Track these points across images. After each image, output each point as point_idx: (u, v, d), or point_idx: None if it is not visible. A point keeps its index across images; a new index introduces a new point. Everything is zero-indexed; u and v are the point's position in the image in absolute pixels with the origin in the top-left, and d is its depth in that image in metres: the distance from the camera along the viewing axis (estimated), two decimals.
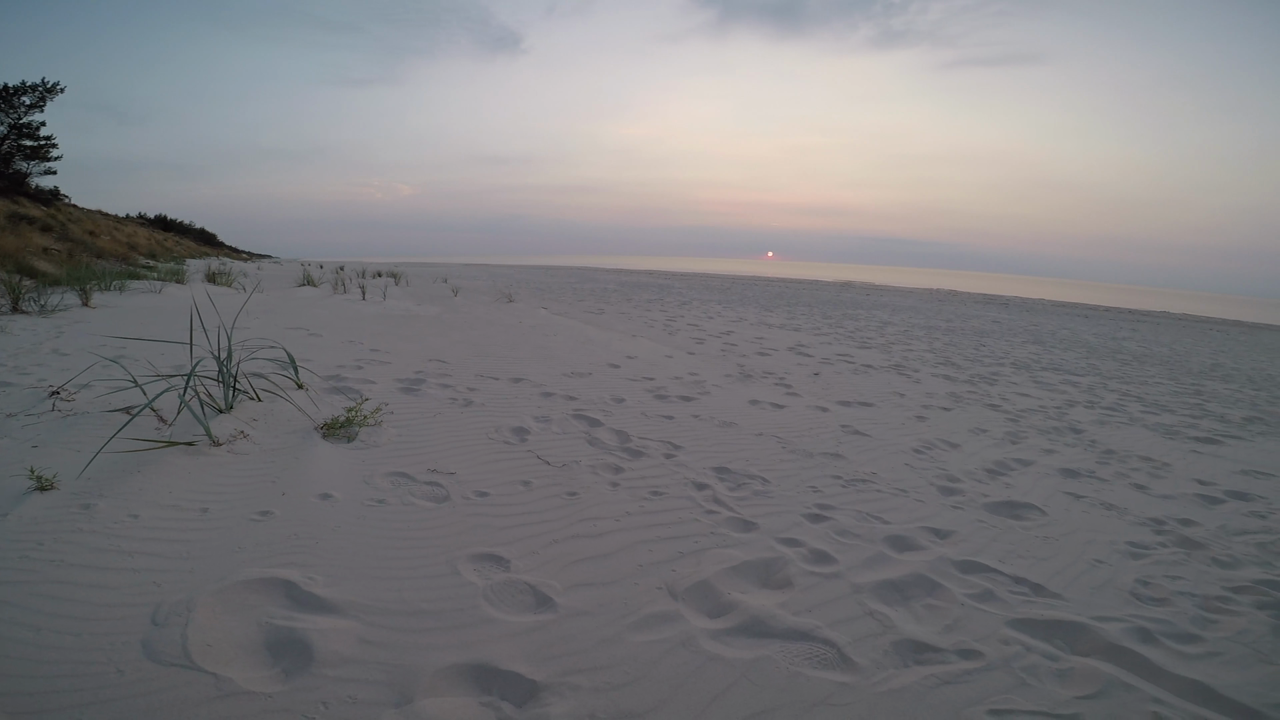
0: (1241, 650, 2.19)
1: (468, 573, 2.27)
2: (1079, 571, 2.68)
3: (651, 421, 4.28)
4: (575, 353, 6.56)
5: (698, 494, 3.14)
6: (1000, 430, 4.94)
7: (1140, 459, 4.47)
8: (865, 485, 3.44)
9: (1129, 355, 10.94)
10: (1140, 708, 1.84)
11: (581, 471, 3.30)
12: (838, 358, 7.84)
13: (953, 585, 2.46)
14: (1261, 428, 5.97)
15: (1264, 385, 8.94)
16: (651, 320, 10.03)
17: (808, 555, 2.62)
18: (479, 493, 2.94)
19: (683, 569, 2.42)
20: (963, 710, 1.79)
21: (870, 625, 2.18)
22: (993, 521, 3.12)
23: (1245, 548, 3.05)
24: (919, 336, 10.99)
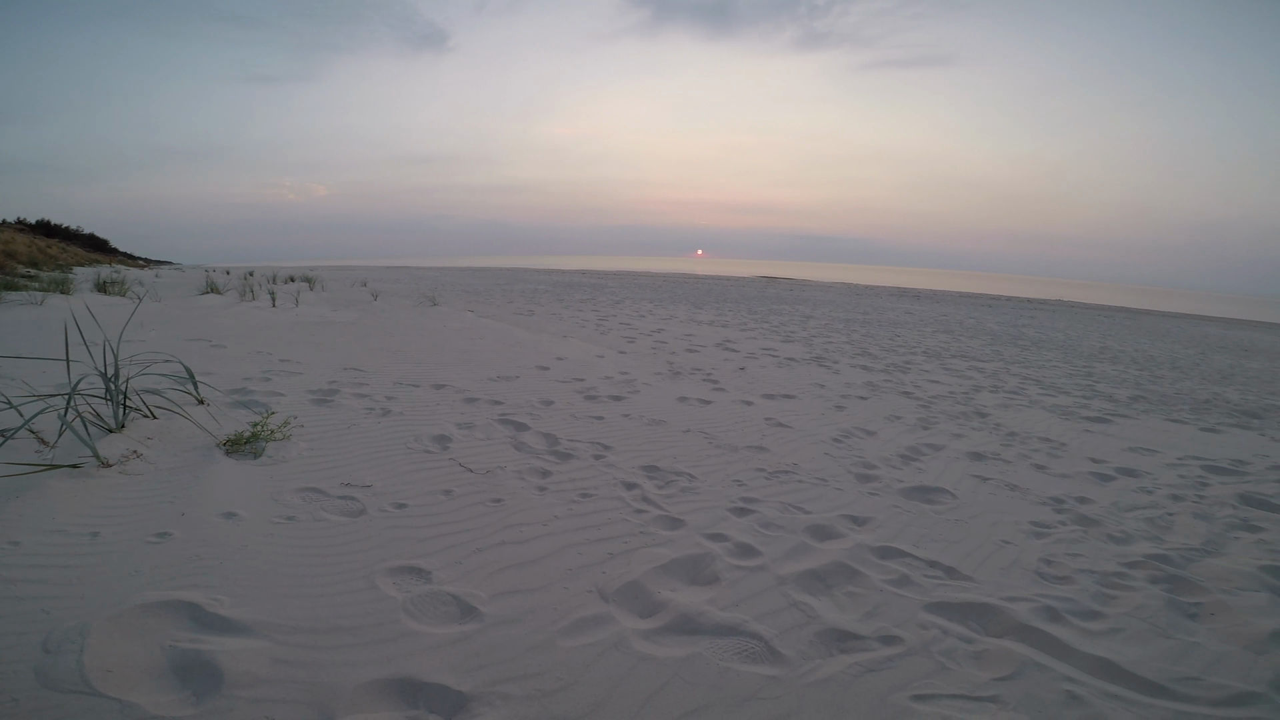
0: (1141, 625, 2.34)
1: (386, 587, 2.19)
2: (988, 553, 2.82)
3: (581, 423, 4.25)
4: (502, 356, 6.43)
5: (627, 494, 3.14)
6: (913, 417, 5.19)
7: (1040, 440, 4.80)
8: (787, 476, 3.54)
9: (1028, 341, 11.75)
10: (1054, 687, 1.93)
11: (507, 477, 3.24)
12: (763, 352, 8.03)
13: (871, 572, 2.55)
14: (1145, 406, 6.53)
15: (1146, 365, 9.79)
16: (584, 320, 9.98)
17: (734, 549, 2.67)
18: (397, 504, 2.85)
19: (613, 570, 2.42)
20: (888, 697, 1.85)
21: (795, 616, 2.23)
22: (907, 506, 3.26)
23: (1136, 523, 3.30)
24: (839, 329, 11.41)
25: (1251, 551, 3.00)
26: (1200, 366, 10.23)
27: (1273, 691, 1.99)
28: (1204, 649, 2.21)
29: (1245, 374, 9.78)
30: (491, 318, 9.60)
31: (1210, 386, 8.23)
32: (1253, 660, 2.15)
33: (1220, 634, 2.32)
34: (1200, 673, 2.07)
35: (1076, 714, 1.82)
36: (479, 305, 11.29)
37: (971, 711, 1.81)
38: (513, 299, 12.86)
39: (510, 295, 13.68)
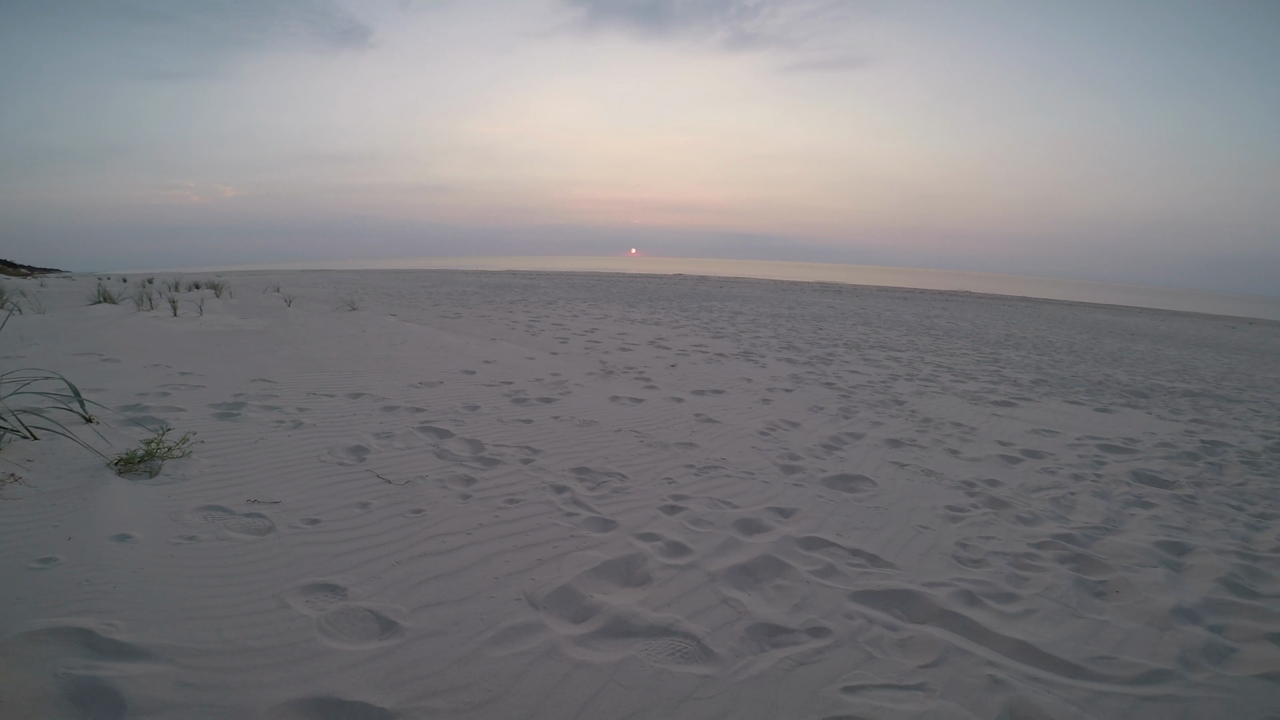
0: (1053, 606, 2.45)
1: (299, 605, 2.09)
2: (907, 538, 2.93)
3: (508, 427, 4.15)
4: (425, 361, 6.21)
5: (556, 497, 3.09)
6: (835, 407, 5.37)
7: (952, 425, 5.06)
8: (716, 471, 3.57)
9: (940, 331, 12.39)
10: (977, 672, 1.99)
11: (428, 487, 3.13)
12: (693, 349, 8.12)
13: (798, 563, 2.60)
14: (1046, 389, 7.00)
15: (1046, 351, 10.51)
16: (514, 322, 9.79)
17: (665, 548, 2.66)
18: (309, 520, 2.71)
19: (543, 576, 2.37)
20: (819, 690, 1.88)
21: (726, 613, 2.24)
22: (830, 496, 3.35)
23: (1042, 504, 3.50)
24: (765, 324, 11.68)
25: (1147, 527, 3.24)
26: (1093, 350, 11.08)
27: (1182, 668, 2.09)
28: (1113, 627, 2.33)
29: (1132, 356, 10.67)
30: (415, 321, 9.27)
31: (1102, 369, 8.92)
32: (1158, 637, 2.27)
33: (1126, 612, 2.45)
34: (1112, 651, 2.17)
35: (1000, 698, 1.86)
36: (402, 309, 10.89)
37: (900, 700, 1.85)
38: (439, 301, 12.47)
39: (436, 298, 13.27)
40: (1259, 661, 2.16)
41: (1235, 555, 2.97)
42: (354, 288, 15.69)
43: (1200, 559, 2.91)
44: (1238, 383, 8.64)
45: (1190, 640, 2.25)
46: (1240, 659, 2.18)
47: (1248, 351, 13.10)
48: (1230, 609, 2.50)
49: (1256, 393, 7.92)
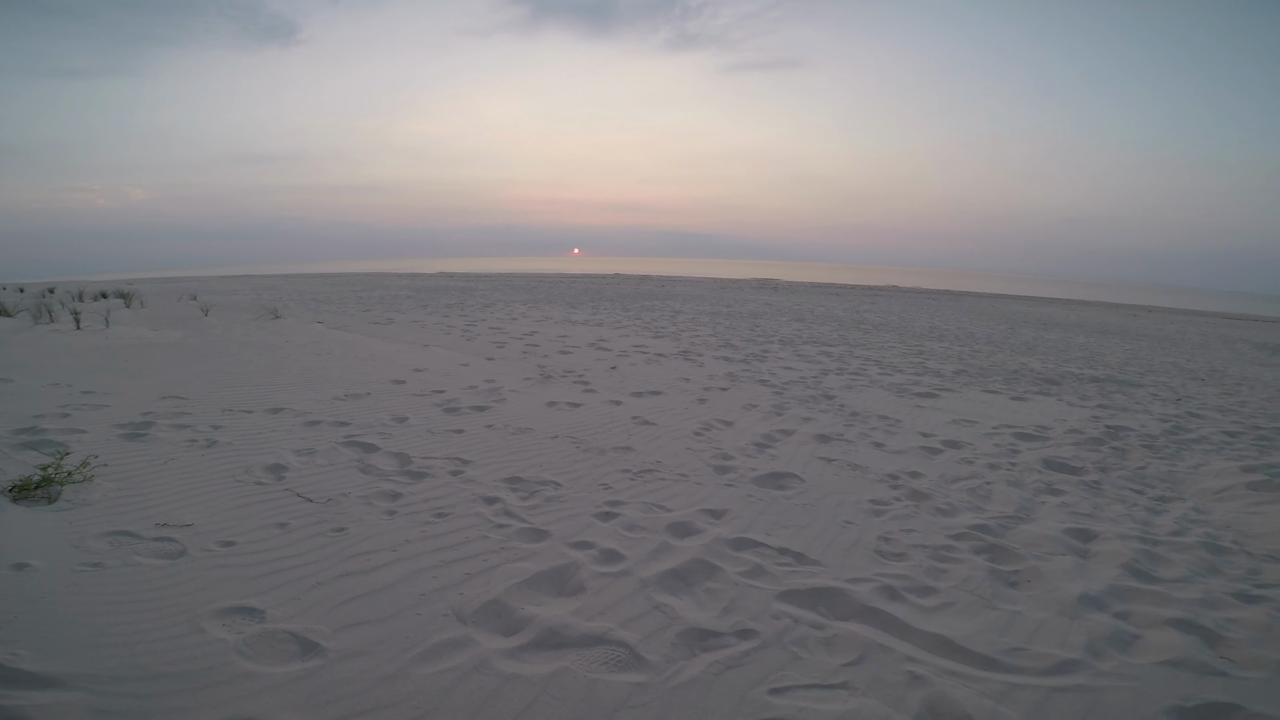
0: (969, 598, 2.53)
1: (215, 629, 2.05)
2: (833, 535, 3.00)
3: (438, 438, 4.05)
4: (352, 372, 5.99)
5: (487, 509, 3.04)
6: (768, 404, 5.48)
7: (879, 418, 5.24)
8: (651, 475, 3.59)
9: (870, 325, 12.85)
10: (898, 668, 2.04)
11: (351, 504, 3.04)
12: (634, 349, 8.13)
13: (727, 565, 2.63)
14: (966, 379, 7.34)
15: (967, 342, 11.04)
16: (449, 327, 9.55)
17: (598, 556, 2.66)
18: (223, 543, 2.62)
19: (471, 591, 2.34)
20: (747, 693, 1.91)
21: (658, 619, 2.25)
22: (760, 495, 3.42)
23: (960, 494, 3.65)
24: (705, 323, 11.83)
25: (1056, 515, 3.41)
26: (1010, 340, 11.71)
27: (1090, 657, 2.18)
28: (1025, 618, 2.41)
29: (1045, 345, 11.33)
30: (343, 329, 8.93)
31: (1018, 358, 9.44)
32: (1068, 626, 2.37)
33: (1038, 601, 2.54)
34: (1024, 643, 2.25)
35: (920, 694, 1.92)
36: (330, 315, 10.47)
37: (824, 700, 1.89)
38: (370, 307, 12.05)
39: (367, 303, 12.81)
40: (1161, 648, 2.25)
41: (1137, 540, 3.15)
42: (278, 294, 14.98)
43: (1105, 545, 3.07)
44: (1139, 368, 9.31)
45: (1097, 629, 2.34)
46: (1144, 646, 2.28)
47: (1147, 338, 14.14)
48: (1133, 595, 2.63)
49: (1155, 377, 8.55)
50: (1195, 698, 1.99)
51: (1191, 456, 4.72)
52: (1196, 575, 2.85)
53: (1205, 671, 2.13)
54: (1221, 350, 12.65)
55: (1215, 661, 2.19)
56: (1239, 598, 2.65)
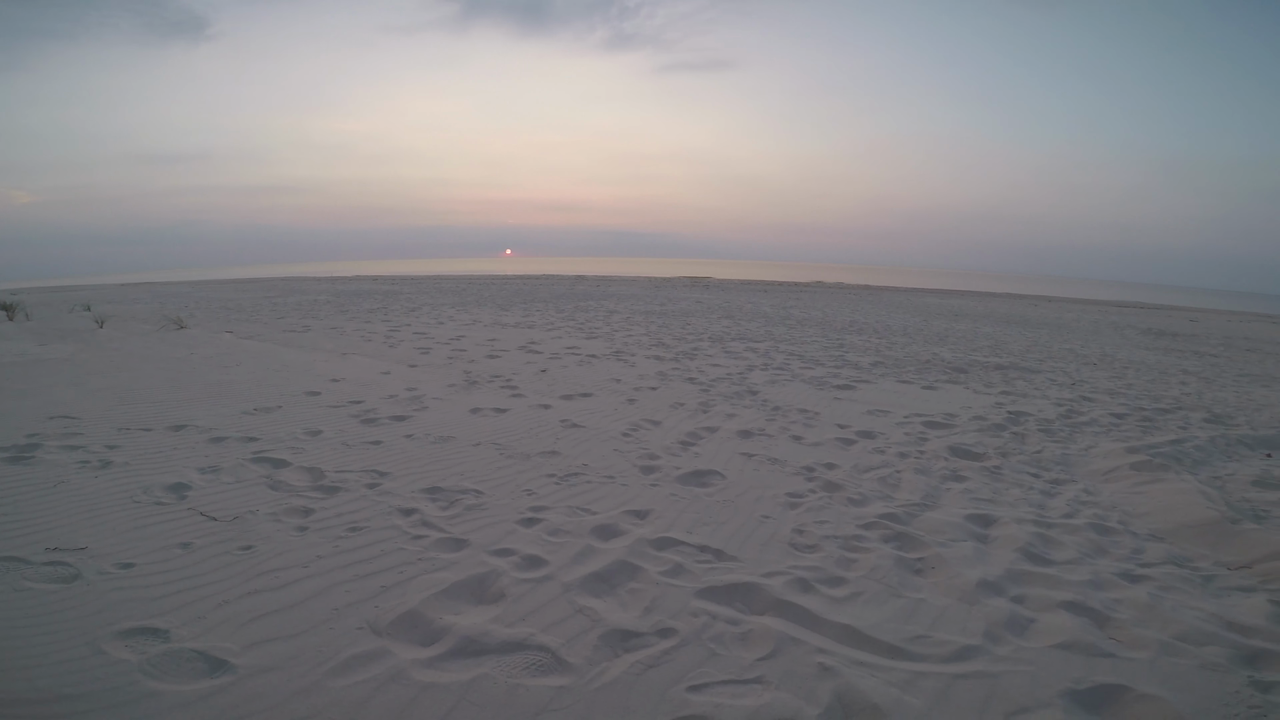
0: (877, 587, 2.62)
1: (117, 650, 2.00)
2: (751, 530, 3.07)
3: (354, 451, 3.91)
4: (263, 384, 5.69)
5: (403, 521, 2.98)
6: (695, 402, 5.57)
7: (799, 411, 5.41)
8: (577, 478, 3.59)
9: (795, 321, 13.25)
10: (809, 660, 2.10)
11: (259, 521, 2.92)
12: (566, 351, 8.08)
13: (650, 565, 2.66)
14: (882, 370, 7.68)
15: (885, 334, 11.55)
16: (370, 333, 9.20)
17: (520, 563, 2.65)
18: (121, 564, 2.51)
19: (387, 603, 2.31)
20: (667, 691, 1.94)
21: (581, 623, 2.27)
22: (683, 493, 3.47)
23: (871, 484, 3.79)
24: (639, 322, 11.88)
25: (959, 501, 3.59)
26: (923, 331, 12.34)
27: (988, 643, 2.25)
28: (928, 605, 2.51)
29: (956, 335, 12.00)
30: (255, 338, 8.46)
31: (930, 348, 9.95)
32: (967, 612, 2.45)
33: (940, 588, 2.65)
34: (928, 630, 2.33)
35: (829, 685, 1.97)
36: (241, 324, 9.90)
37: (740, 695, 1.93)
38: (285, 314, 11.46)
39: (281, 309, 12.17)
40: (1054, 631, 2.35)
41: (1032, 524, 3.32)
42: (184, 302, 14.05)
43: (1003, 530, 3.23)
44: (1039, 354, 9.99)
45: (995, 614, 2.43)
46: (1038, 629, 2.38)
47: (1047, 326, 15.20)
48: (1028, 579, 2.76)
49: (1054, 363, 9.19)
50: (1087, 680, 2.08)
51: (1083, 439, 5.09)
52: (1086, 557, 3.00)
53: (1095, 653, 2.23)
54: (1112, 336, 13.75)
55: (1104, 643, 2.29)
56: (1124, 577, 2.82)
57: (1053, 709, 1.93)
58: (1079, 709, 1.96)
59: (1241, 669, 2.19)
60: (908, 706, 1.91)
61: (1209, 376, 8.91)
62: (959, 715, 1.90)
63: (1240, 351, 12.54)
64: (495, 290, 19.00)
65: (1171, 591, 2.72)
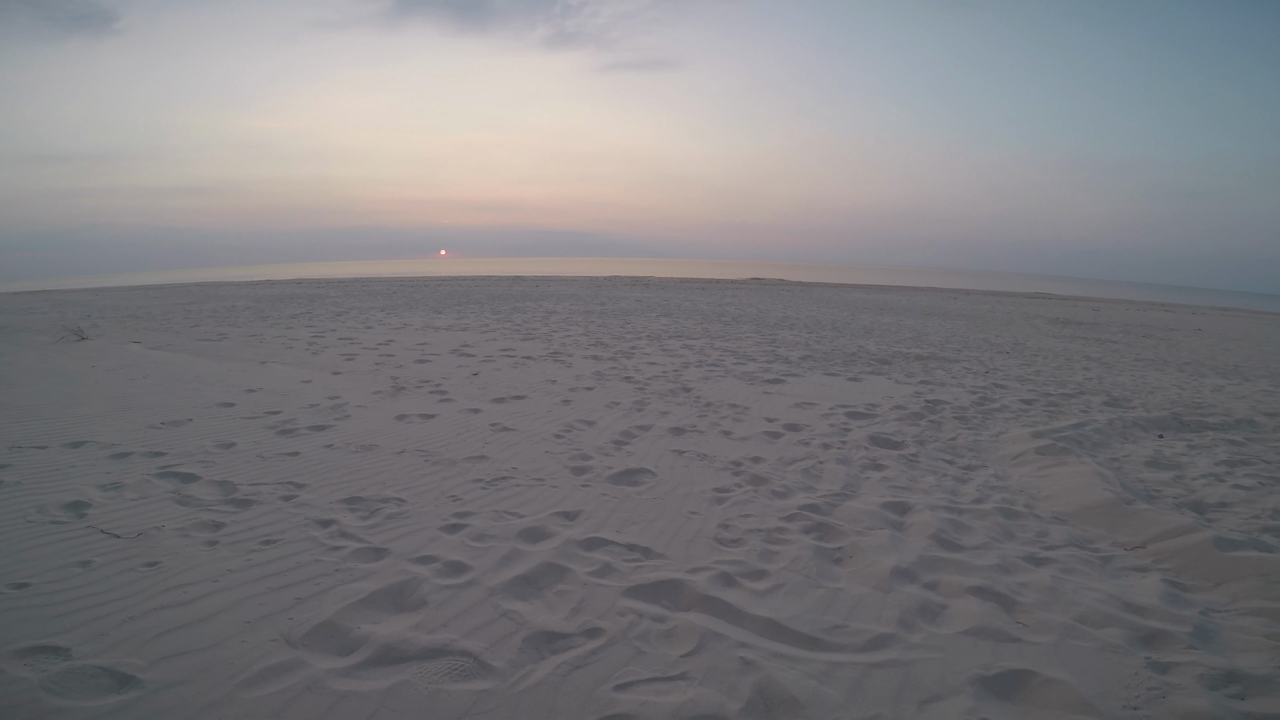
0: (797, 579, 2.66)
1: (15, 669, 1.93)
2: (678, 527, 3.10)
3: (269, 463, 3.75)
4: (172, 396, 5.37)
5: (320, 532, 2.89)
6: (630, 401, 5.60)
7: (729, 406, 5.52)
8: (505, 482, 3.55)
9: (730, 317, 13.50)
10: (731, 655, 2.13)
11: (166, 537, 2.79)
12: (500, 354, 7.96)
13: (577, 566, 2.66)
14: (811, 364, 7.92)
15: (814, 329, 11.91)
16: (292, 340, 8.80)
17: (443, 569, 2.61)
18: (15, 585, 2.38)
19: (302, 615, 2.26)
20: (594, 691, 1.95)
21: (505, 626, 2.25)
22: (614, 492, 3.49)
23: (795, 476, 3.88)
24: (578, 322, 11.83)
25: (877, 490, 3.71)
26: (851, 325, 12.80)
27: (902, 631, 2.31)
28: (846, 594, 2.57)
29: (881, 328, 12.50)
30: (165, 348, 7.96)
31: (857, 341, 10.34)
32: (882, 600, 2.51)
33: (857, 577, 2.71)
34: (845, 619, 2.37)
35: (751, 679, 2.00)
36: (150, 334, 9.29)
37: (664, 692, 1.95)
38: (200, 321, 10.83)
39: (197, 317, 11.49)
40: (964, 617, 2.41)
41: (945, 510, 3.45)
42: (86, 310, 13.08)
43: (918, 516, 3.34)
44: (957, 345, 10.52)
45: (908, 601, 2.50)
46: (949, 616, 2.44)
47: (965, 317, 16.03)
48: (940, 565, 2.84)
49: (970, 352, 9.70)
50: (995, 666, 2.13)
51: (995, 425, 5.39)
52: (994, 541, 3.11)
53: (1002, 638, 2.29)
54: (1023, 326, 14.63)
55: (1011, 628, 2.36)
56: (1029, 561, 2.93)
57: (963, 696, 1.98)
58: (988, 695, 2.01)
59: (1139, 650, 2.27)
60: (825, 698, 1.94)
61: (1109, 362, 9.61)
62: (874, 705, 1.93)
63: (1137, 338, 13.58)
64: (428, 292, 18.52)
65: (1073, 574, 2.83)
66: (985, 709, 1.93)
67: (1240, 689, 2.08)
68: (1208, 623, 2.47)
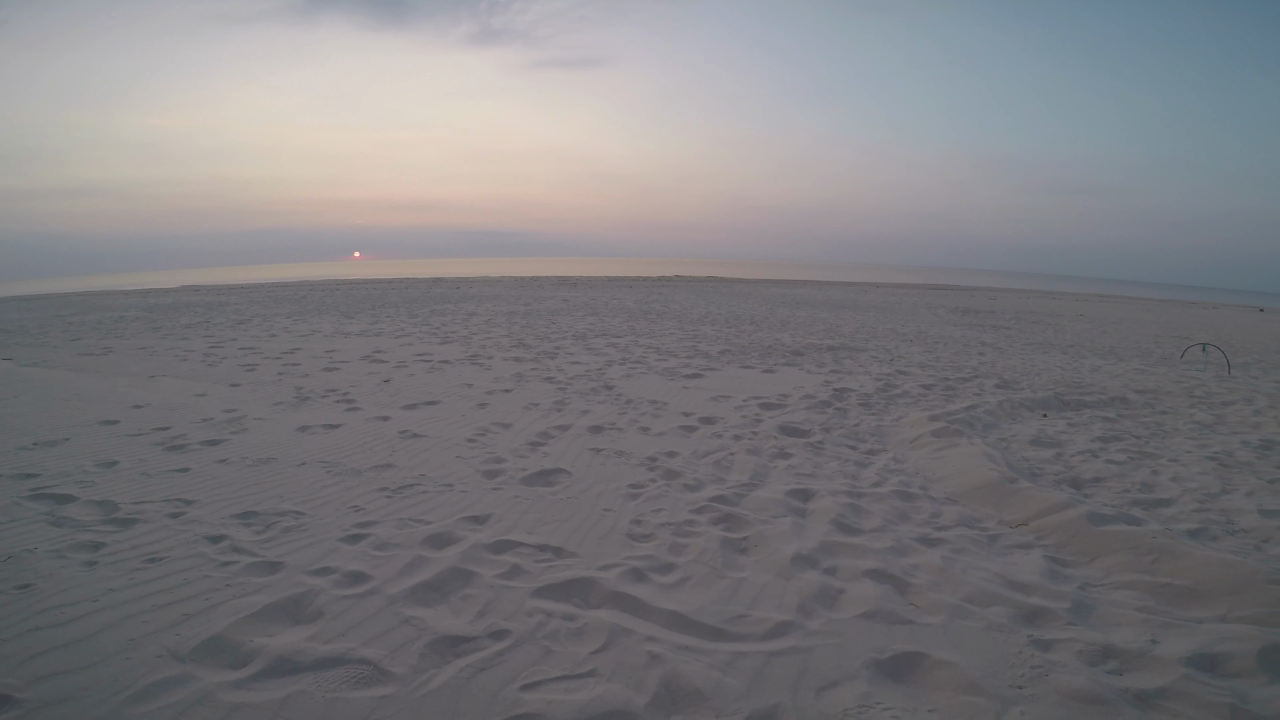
0: (703, 570, 2.69)
1: None
2: (591, 525, 3.10)
3: (156, 480, 3.52)
4: (48, 415, 4.92)
5: (211, 548, 2.75)
6: (549, 401, 5.57)
7: (649, 403, 5.59)
8: (412, 490, 3.46)
9: (655, 314, 13.64)
10: (639, 649, 2.15)
11: (39, 560, 2.63)
12: (415, 359, 7.73)
13: (485, 570, 2.63)
14: (730, 357, 8.12)
15: (735, 324, 12.21)
16: (187, 351, 8.22)
17: (341, 580, 2.54)
18: None
19: (190, 630, 2.18)
20: (500, 692, 1.94)
21: (407, 633, 2.21)
22: (527, 494, 3.46)
23: (707, 468, 3.94)
24: (500, 323, 11.63)
25: (784, 478, 3.80)
26: (769, 319, 13.20)
27: (801, 617, 2.35)
28: (749, 583, 2.59)
29: (797, 321, 12.95)
30: (40, 364, 7.28)
31: (774, 334, 10.67)
32: (784, 587, 2.55)
33: (760, 565, 2.75)
34: (747, 608, 2.40)
35: (657, 673, 2.03)
36: (24, 349, 8.46)
37: (573, 690, 1.96)
38: (82, 334, 9.94)
39: (78, 329, 10.55)
40: (860, 600, 2.46)
41: (845, 495, 3.54)
42: None
43: (819, 503, 3.41)
44: (866, 335, 11.04)
45: (807, 587, 2.54)
46: (847, 600, 2.49)
47: (874, 309, 16.84)
48: (839, 549, 2.90)
49: (878, 342, 10.20)
50: (889, 649, 2.18)
51: (896, 410, 5.68)
52: (890, 523, 3.19)
53: (895, 620, 2.34)
54: (927, 316, 15.52)
55: (904, 609, 2.41)
56: (922, 542, 3.00)
57: (858, 681, 2.02)
58: (882, 679, 2.05)
59: (1022, 628, 2.34)
60: (728, 689, 1.97)
61: (1002, 347, 10.34)
62: (774, 694, 1.96)
63: (1027, 324, 14.67)
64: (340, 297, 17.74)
65: (962, 553, 2.92)
66: (879, 693, 1.98)
67: (1118, 664, 2.15)
68: (1085, 598, 2.56)
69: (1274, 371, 9.00)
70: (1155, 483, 3.98)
